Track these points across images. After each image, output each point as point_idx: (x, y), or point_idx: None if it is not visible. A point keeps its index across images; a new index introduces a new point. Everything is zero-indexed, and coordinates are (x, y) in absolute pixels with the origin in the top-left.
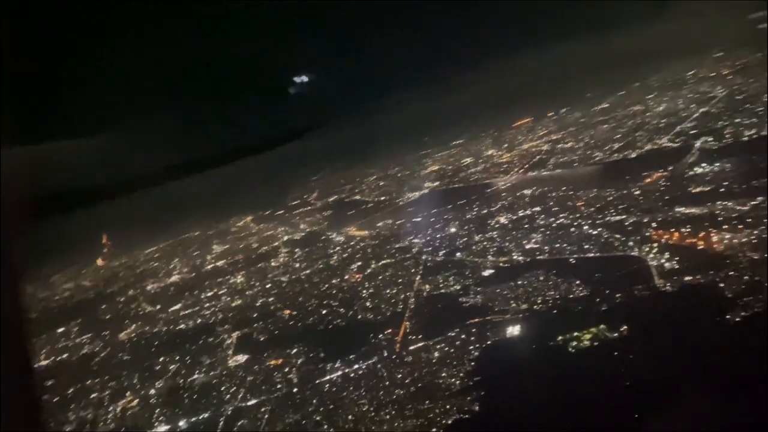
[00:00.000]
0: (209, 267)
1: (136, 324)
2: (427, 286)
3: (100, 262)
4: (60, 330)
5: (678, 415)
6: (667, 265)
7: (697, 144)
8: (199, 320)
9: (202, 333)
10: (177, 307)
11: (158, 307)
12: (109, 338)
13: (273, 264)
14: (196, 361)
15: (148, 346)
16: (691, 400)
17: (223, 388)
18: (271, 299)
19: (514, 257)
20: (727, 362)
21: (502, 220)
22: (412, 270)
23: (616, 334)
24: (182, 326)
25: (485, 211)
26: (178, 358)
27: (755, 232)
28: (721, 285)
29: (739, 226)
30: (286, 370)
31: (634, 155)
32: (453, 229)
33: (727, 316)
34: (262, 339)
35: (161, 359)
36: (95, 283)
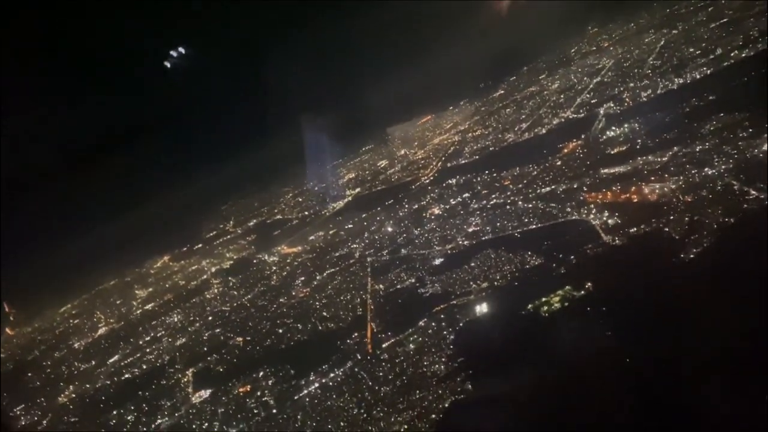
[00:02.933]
0: (138, 312)
1: (74, 384)
2: (381, 286)
3: (9, 331)
4: None
5: (666, 352)
6: (610, 221)
7: (601, 111)
8: (145, 366)
9: (152, 378)
10: (115, 358)
11: (93, 362)
12: (47, 404)
13: (208, 296)
14: (154, 406)
15: (94, 404)
16: (672, 335)
17: (194, 426)
18: (218, 330)
19: (460, 242)
20: (693, 296)
21: (436, 211)
22: (361, 274)
23: (582, 292)
24: (127, 376)
25: (416, 206)
26: (133, 407)
27: (681, 177)
28: (666, 229)
29: (665, 175)
30: (258, 393)
31: (544, 131)
32: (390, 229)
33: (681, 255)
34: (221, 370)
35: (114, 413)
36: (11, 353)
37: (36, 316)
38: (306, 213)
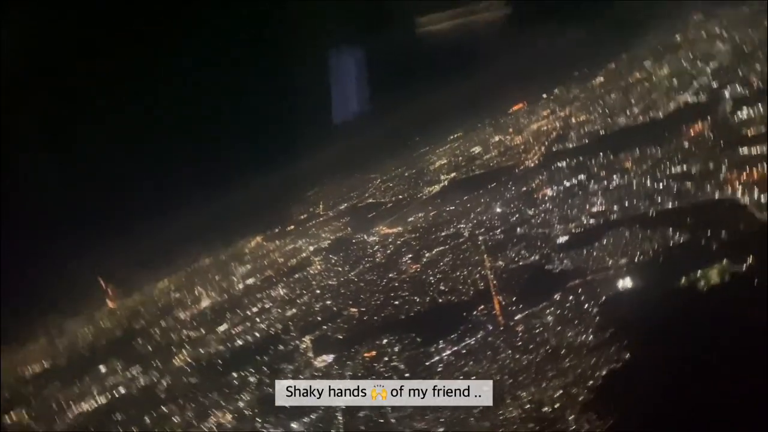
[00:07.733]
0: (240, 287)
1: (187, 350)
2: (501, 262)
3: (110, 304)
4: (102, 369)
5: None
6: (762, 199)
7: (726, 93)
8: (258, 334)
9: (269, 344)
10: (224, 327)
11: (202, 330)
12: (163, 367)
13: (312, 272)
14: (276, 369)
15: (212, 366)
16: None
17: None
18: (329, 302)
19: (584, 221)
20: None
21: (549, 192)
22: (474, 251)
23: (744, 267)
24: (240, 342)
25: (524, 188)
26: (253, 370)
27: None
28: None
29: None
30: (386, 359)
31: (661, 114)
32: (498, 209)
33: None
34: (340, 337)
35: (235, 375)
36: (118, 322)
37: (134, 291)
38: (400, 197)
